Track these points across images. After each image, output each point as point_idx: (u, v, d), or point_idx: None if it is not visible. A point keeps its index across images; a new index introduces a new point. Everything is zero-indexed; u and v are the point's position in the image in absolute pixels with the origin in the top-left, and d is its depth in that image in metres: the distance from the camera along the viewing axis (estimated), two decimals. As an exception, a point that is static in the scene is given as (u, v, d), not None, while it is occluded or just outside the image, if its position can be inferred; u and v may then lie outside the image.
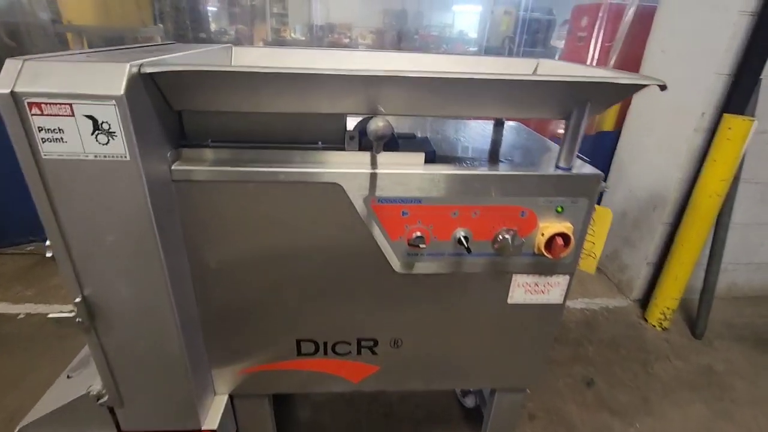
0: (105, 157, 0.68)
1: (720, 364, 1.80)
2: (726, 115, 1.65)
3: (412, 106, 0.83)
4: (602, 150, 2.35)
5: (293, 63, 1.18)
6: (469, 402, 1.50)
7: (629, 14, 1.99)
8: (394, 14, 4.37)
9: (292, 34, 4.33)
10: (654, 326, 1.99)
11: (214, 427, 1.00)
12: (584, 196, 0.88)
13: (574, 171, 0.87)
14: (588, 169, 0.88)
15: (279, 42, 3.87)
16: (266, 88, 0.76)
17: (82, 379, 1.02)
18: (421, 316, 1.00)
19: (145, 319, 0.84)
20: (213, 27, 3.31)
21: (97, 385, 0.92)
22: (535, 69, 1.22)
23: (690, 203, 1.82)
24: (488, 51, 4.34)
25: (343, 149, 0.86)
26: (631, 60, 2.08)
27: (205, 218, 0.85)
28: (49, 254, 0.80)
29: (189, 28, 2.92)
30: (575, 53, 2.66)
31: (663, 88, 0.75)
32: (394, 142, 0.89)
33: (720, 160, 1.67)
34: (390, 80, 0.73)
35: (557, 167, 0.88)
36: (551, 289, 0.98)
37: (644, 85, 0.77)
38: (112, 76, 0.65)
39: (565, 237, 0.88)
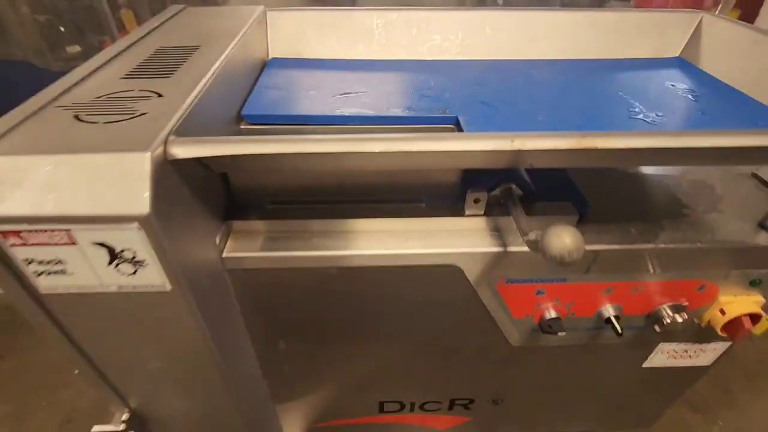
0: (134, 288, 0.45)
1: (807, 343, 1.65)
2: None
3: (569, 159, 0.54)
4: None
5: (356, 37, 0.84)
6: None
7: None
8: None
9: None
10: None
11: (292, 489, 0.90)
12: (793, 267, 0.62)
13: (790, 235, 0.60)
14: (807, 230, 0.61)
15: None
16: (343, 162, 0.48)
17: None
18: (531, 380, 0.82)
19: (206, 423, 0.68)
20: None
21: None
22: (696, 29, 0.85)
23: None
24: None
25: (458, 214, 0.59)
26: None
27: (270, 306, 0.63)
28: (77, 370, 0.61)
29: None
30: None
31: None
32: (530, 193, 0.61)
33: None
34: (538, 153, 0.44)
35: (762, 227, 0.61)
36: (702, 355, 0.78)
37: None
38: (131, 183, 0.38)
39: (755, 317, 0.65)
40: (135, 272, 0.43)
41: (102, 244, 0.40)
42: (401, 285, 0.61)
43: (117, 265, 0.42)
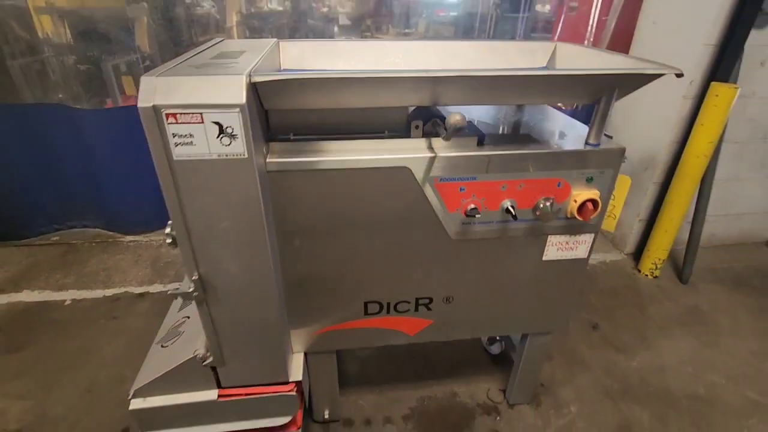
0: (227, 156, 0.81)
1: (705, 303, 2.06)
2: (713, 83, 1.83)
3: (466, 97, 0.97)
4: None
5: (338, 56, 1.29)
6: (495, 350, 1.71)
7: (624, -12, 2.11)
8: None
9: (269, 5, 4.26)
10: (646, 275, 2.24)
11: (299, 378, 1.17)
12: (610, 167, 1.04)
13: (602, 146, 1.03)
14: (613, 144, 1.04)
15: (257, 13, 3.80)
16: (346, 88, 0.89)
17: (177, 347, 1.17)
18: (470, 276, 1.17)
19: (250, 291, 0.98)
20: None
21: (201, 349, 1.07)
22: (553, 52, 1.35)
23: (679, 164, 2.02)
24: (472, 16, 4.37)
25: (407, 137, 0.99)
26: (624, 34, 2.23)
27: (291, 202, 0.98)
28: (168, 240, 0.93)
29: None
30: (567, 23, 2.78)
31: (680, 75, 0.91)
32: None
33: (707, 124, 1.86)
34: (453, 80, 0.87)
35: (587, 144, 1.04)
36: (579, 246, 1.16)
37: (661, 75, 0.92)
38: (235, 88, 0.77)
39: (594, 202, 1.05)
40: (230, 144, 0.79)
41: (216, 123, 0.77)
42: (375, 183, 0.98)
43: (221, 137, 0.79)
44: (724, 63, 1.82)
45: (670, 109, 2.05)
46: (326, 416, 1.43)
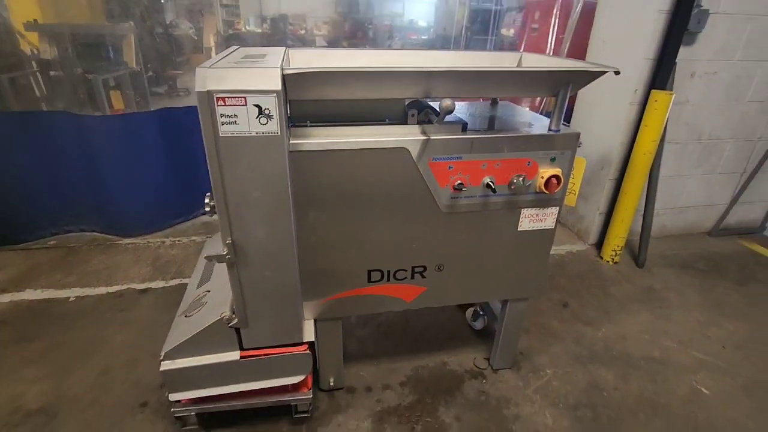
0: (263, 133, 0.99)
1: (658, 284, 2.33)
2: (653, 91, 2.14)
3: (453, 91, 1.19)
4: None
5: (341, 62, 1.50)
6: (478, 325, 1.91)
7: (577, 10, 2.44)
8: (346, 3, 4.49)
9: (247, 27, 4.44)
10: (608, 261, 2.50)
11: (312, 339, 1.32)
12: (568, 149, 1.28)
13: (562, 132, 1.26)
14: (570, 130, 1.28)
15: (235, 35, 3.96)
16: (359, 80, 1.09)
17: (202, 315, 1.31)
18: (458, 245, 1.37)
19: (274, 257, 1.15)
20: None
21: (227, 312, 1.22)
22: (520, 60, 1.61)
23: (630, 161, 2.31)
24: (444, 38, 4.71)
25: (405, 124, 1.20)
26: (579, 48, 2.55)
27: (307, 179, 1.16)
28: (207, 209, 1.09)
29: (146, 22, 2.84)
30: (530, 41, 3.11)
31: (617, 72, 1.16)
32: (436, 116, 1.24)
33: (650, 125, 2.17)
34: (443, 74, 1.09)
35: (550, 130, 1.27)
36: (547, 218, 1.39)
37: (605, 72, 1.17)
38: (272, 77, 0.96)
39: (557, 177, 1.28)
40: (266, 123, 0.98)
41: (256, 105, 0.96)
42: (379, 162, 1.17)
43: (260, 117, 0.97)
44: (661, 74, 2.14)
45: (620, 114, 2.36)
46: (331, 384, 1.57)
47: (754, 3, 2.20)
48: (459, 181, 1.24)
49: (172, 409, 1.34)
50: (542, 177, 1.28)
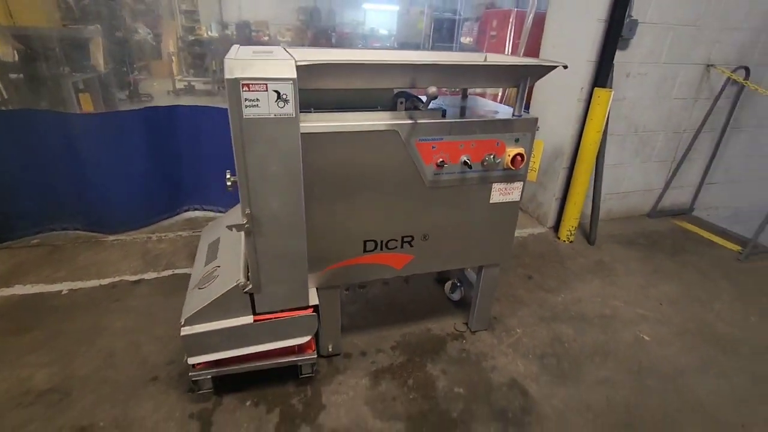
0: (281, 115, 1.16)
1: (607, 258, 2.66)
2: (596, 89, 2.47)
3: (435, 81, 1.40)
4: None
5: (334, 58, 1.69)
6: (456, 297, 2.13)
7: (530, 19, 2.75)
8: (308, 12, 4.62)
9: (209, 33, 4.49)
10: (564, 241, 2.81)
11: (317, 303, 1.49)
12: (529, 132, 1.53)
13: (523, 116, 1.51)
14: (530, 116, 1.53)
15: (197, 41, 3.95)
16: (359, 71, 1.28)
17: (216, 285, 1.44)
18: (440, 216, 1.58)
19: (285, 226, 1.31)
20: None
21: (242, 279, 1.36)
22: (485, 59, 1.86)
23: (579, 151, 2.64)
24: (407, 46, 4.97)
25: (394, 110, 1.41)
26: (533, 52, 2.87)
27: (313, 157, 1.34)
28: (228, 183, 1.24)
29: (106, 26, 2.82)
30: (490, 46, 3.42)
31: (565, 67, 1.42)
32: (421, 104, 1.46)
33: (594, 119, 2.50)
34: (429, 66, 1.30)
35: (514, 115, 1.52)
36: (514, 191, 1.63)
37: (556, 66, 1.43)
38: (288, 68, 1.13)
39: (521, 155, 1.53)
40: (283, 107, 1.15)
41: (276, 91, 1.13)
42: (373, 142, 1.37)
43: (278, 102, 1.14)
44: (601, 74, 2.48)
45: (570, 110, 2.68)
46: (330, 350, 1.74)
47: (673, 15, 2.59)
48: (441, 159, 1.45)
49: (189, 374, 1.46)
50: (509, 155, 1.52)
